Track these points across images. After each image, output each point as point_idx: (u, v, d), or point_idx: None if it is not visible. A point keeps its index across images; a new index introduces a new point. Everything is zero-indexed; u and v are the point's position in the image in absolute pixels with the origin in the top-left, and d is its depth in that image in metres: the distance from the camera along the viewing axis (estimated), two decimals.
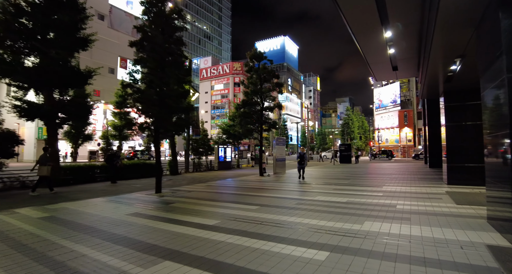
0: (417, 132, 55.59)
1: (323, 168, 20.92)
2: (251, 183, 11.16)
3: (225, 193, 8.66)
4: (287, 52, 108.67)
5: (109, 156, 12.53)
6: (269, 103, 15.23)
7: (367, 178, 12.64)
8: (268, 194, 8.21)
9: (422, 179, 11.74)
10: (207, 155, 20.68)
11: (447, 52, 6.14)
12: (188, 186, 10.46)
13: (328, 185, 9.95)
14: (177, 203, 6.95)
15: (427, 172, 15.17)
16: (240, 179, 13.16)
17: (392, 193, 7.89)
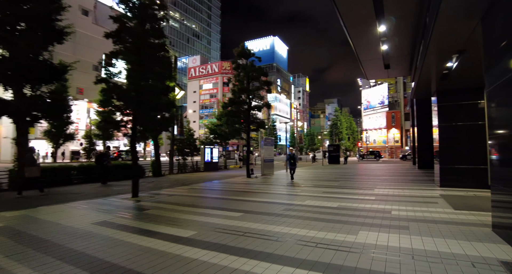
0: (404, 133, 56.26)
1: (312, 169, 20.53)
2: (237, 186, 10.57)
3: (207, 197, 8.04)
4: (277, 53, 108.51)
5: (98, 156, 12.13)
6: (257, 102, 14.68)
7: (357, 179, 12.26)
8: (254, 198, 7.64)
9: (413, 181, 11.43)
10: (193, 156, 19.95)
11: (446, 46, 5.74)
12: (169, 189, 9.77)
13: (318, 188, 9.47)
14: (152, 210, 6.29)
15: (417, 173, 14.96)
16: (226, 181, 12.54)
17: (385, 197, 7.46)
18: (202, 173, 17.65)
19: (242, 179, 13.01)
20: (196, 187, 10.43)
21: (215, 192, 9.09)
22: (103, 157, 11.85)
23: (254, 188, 9.79)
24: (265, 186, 10.41)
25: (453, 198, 7.12)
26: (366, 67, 10.07)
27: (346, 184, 10.43)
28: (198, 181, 12.50)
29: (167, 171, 17.89)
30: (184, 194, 8.70)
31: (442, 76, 7.79)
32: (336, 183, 10.99)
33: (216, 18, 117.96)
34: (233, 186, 10.60)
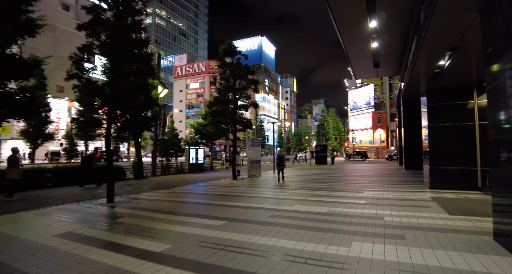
0: (390, 133, 57.10)
1: (299, 169, 20.24)
2: (222, 189, 10.07)
3: (189, 202, 7.50)
4: (264, 53, 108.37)
5: (85, 159, 11.87)
6: (244, 102, 14.21)
7: (345, 181, 11.98)
8: (239, 202, 7.16)
9: (402, 182, 11.25)
10: (177, 157, 19.28)
11: (440, 43, 5.45)
12: (149, 193, 9.17)
13: (305, 190, 9.09)
14: (126, 218, 5.72)
15: (405, 174, 14.87)
16: (210, 183, 12.00)
17: (376, 200, 7.15)
18: (186, 175, 17.02)
19: (227, 181, 12.50)
20: (178, 190, 9.86)
21: (197, 196, 8.55)
22: (90, 160, 11.59)
23: (239, 191, 9.32)
24: (251, 188, 9.96)
25: (445, 201, 6.87)
26: (355, 65, 9.79)
27: (335, 186, 10.11)
28: (181, 184, 11.90)
29: (150, 172, 17.17)
30: (164, 198, 8.13)
31: (433, 75, 7.56)
32: (324, 185, 10.66)
33: (204, 17, 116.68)
34: (217, 189, 10.09)
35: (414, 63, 6.74)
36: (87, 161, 11.61)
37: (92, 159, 11.84)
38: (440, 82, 8.29)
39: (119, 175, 14.76)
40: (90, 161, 11.64)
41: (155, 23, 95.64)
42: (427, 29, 5.01)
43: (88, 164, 11.48)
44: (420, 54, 6.14)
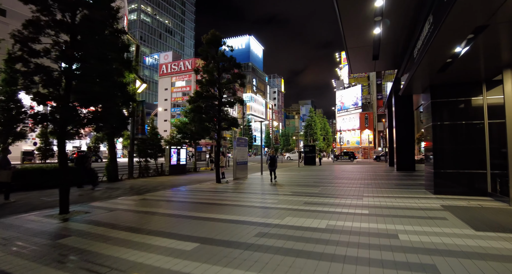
0: (377, 134, 57.17)
1: (288, 171, 19.21)
2: (202, 195, 8.85)
3: (159, 213, 6.25)
4: (252, 52, 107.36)
5: (79, 158, 11.41)
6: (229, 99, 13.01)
7: (338, 185, 10.99)
8: (221, 214, 5.98)
9: (399, 186, 10.36)
10: (157, 158, 17.85)
11: (466, 22, 4.48)
12: (116, 200, 7.84)
13: (297, 197, 8.01)
14: (73, 237, 4.44)
15: (399, 177, 14.06)
16: (191, 188, 10.75)
17: (380, 210, 6.13)
18: (166, 177, 15.65)
19: (210, 185, 11.27)
20: (151, 197, 8.56)
21: (171, 205, 7.30)
22: (83, 159, 11.17)
23: (222, 198, 8.12)
24: (236, 194, 8.78)
25: (459, 210, 5.93)
26: (353, 57, 8.80)
27: (329, 191, 9.08)
28: (157, 188, 10.59)
29: (126, 175, 15.70)
30: (132, 208, 6.84)
31: (442, 67, 6.64)
32: (316, 189, 9.61)
33: (190, 14, 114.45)
34: (197, 195, 8.86)
35: (426, 50, 5.76)
36: (81, 161, 11.14)
37: (86, 158, 11.35)
38: (445, 75, 7.40)
39: (90, 178, 13.32)
40: (84, 160, 11.16)
41: (140, 19, 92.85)
42: (455, 4, 4.01)
43: (82, 164, 11.04)
44: (436, 38, 5.15)
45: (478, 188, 7.69)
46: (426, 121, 9.00)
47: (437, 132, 8.16)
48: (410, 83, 8.05)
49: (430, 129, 8.30)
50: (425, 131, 9.06)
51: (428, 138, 8.86)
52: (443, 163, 8.03)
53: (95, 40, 6.50)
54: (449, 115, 8.08)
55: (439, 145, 8.10)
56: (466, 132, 7.88)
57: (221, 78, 12.44)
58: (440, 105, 8.15)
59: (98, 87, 6.68)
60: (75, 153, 35.41)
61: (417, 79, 7.61)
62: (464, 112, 7.97)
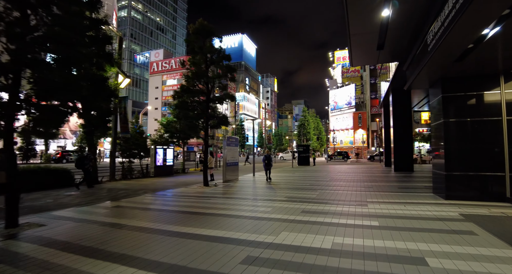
0: (370, 134, 56.81)
1: (282, 172, 18.27)
2: (186, 201, 7.81)
3: (129, 227, 5.21)
4: (245, 51, 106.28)
5: (79, 159, 11.27)
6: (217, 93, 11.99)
7: (337, 188, 10.09)
8: (203, 228, 4.97)
9: (403, 189, 9.51)
10: (142, 158, 16.69)
11: None
12: (84, 208, 6.75)
13: (293, 203, 7.05)
14: (3, 266, 3.38)
15: (399, 178, 13.26)
16: (175, 192, 9.69)
17: (391, 220, 5.22)
18: (151, 179, 14.53)
19: (196, 189, 10.23)
20: (127, 203, 7.49)
21: (147, 214, 6.25)
22: (85, 161, 11.10)
23: (208, 205, 7.10)
24: (224, 200, 7.78)
25: (484, 221, 5.05)
26: (355, 46, 7.89)
27: (328, 196, 8.15)
28: (137, 192, 9.51)
29: (107, 176, 14.52)
30: (99, 219, 5.77)
31: (462, 54, 5.77)
32: (314, 194, 8.68)
33: (182, 12, 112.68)
34: (180, 201, 7.82)
35: (448, 33, 4.86)
36: (81, 162, 11.06)
37: (87, 159, 11.26)
38: (459, 66, 6.55)
39: (63, 181, 12.16)
40: (84, 161, 11.09)
41: (130, 16, 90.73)
42: None
43: (82, 165, 10.98)
44: (463, 17, 4.25)
45: (495, 192, 6.87)
46: (434, 118, 8.16)
47: (449, 130, 7.31)
48: (420, 75, 7.17)
49: (441, 126, 7.45)
50: (434, 129, 8.22)
51: (437, 137, 8.01)
52: (455, 165, 7.18)
53: (52, 16, 5.40)
54: (462, 111, 7.24)
55: (451, 145, 7.25)
56: (481, 130, 7.05)
57: (210, 71, 11.41)
58: (453, 100, 7.30)
59: (57, 76, 5.59)
60: (59, 153, 33.90)
61: (429, 70, 6.74)
62: (478, 107, 7.14)
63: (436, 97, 7.81)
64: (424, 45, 6.37)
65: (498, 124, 6.89)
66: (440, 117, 7.53)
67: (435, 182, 8.14)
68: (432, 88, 8.13)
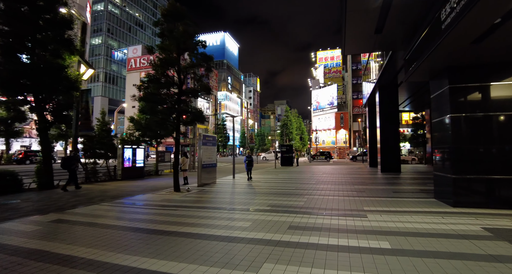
0: (352, 134, 56.87)
1: (264, 173, 17.02)
2: (146, 213, 6.36)
3: (51, 255, 3.74)
4: (227, 49, 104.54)
5: (66, 160, 10.88)
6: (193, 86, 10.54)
7: (326, 192, 8.96)
8: (153, 260, 3.59)
9: (398, 192, 8.51)
10: (109, 159, 14.91)
11: None
12: (7, 225, 5.15)
13: (277, 215, 5.79)
14: None
15: (388, 180, 12.35)
16: (137, 200, 8.18)
17: (403, 239, 4.06)
18: (116, 183, 12.84)
19: (165, 195, 8.75)
20: (70, 216, 5.94)
21: (86, 235, 4.76)
22: (71, 161, 10.72)
23: (171, 218, 5.69)
24: (194, 211, 6.39)
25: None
26: (351, 26, 6.71)
27: (318, 204, 6.96)
28: (92, 200, 7.91)
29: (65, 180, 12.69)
30: (17, 242, 4.23)
31: (487, 32, 4.73)
32: (301, 200, 7.47)
33: None
34: (137, 213, 6.34)
35: (476, 2, 3.76)
36: (68, 162, 10.65)
37: (74, 160, 10.85)
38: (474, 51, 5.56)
39: (8, 186, 10.29)
40: (71, 162, 10.69)
41: (107, 10, 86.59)
42: None
43: (69, 166, 10.59)
44: None
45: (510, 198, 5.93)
46: (436, 113, 7.17)
47: (457, 127, 6.31)
48: (425, 62, 6.12)
49: (447, 123, 6.45)
50: (436, 126, 7.23)
51: (440, 135, 7.02)
52: (467, 167, 6.19)
53: None
54: (474, 104, 6.27)
55: (461, 144, 6.26)
56: (497, 127, 6.10)
57: (182, 60, 9.97)
58: (462, 92, 6.32)
59: None
60: (21, 153, 30.98)
61: (438, 55, 5.69)
62: (495, 100, 6.18)
63: (440, 89, 6.82)
64: (436, 23, 5.31)
65: None
66: (446, 112, 6.53)
67: (439, 186, 7.15)
68: (435, 79, 7.13)
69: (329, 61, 77.33)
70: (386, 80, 15.22)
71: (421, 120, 27.01)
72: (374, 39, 7.48)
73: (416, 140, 27.78)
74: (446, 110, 6.55)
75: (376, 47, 8.13)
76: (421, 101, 21.98)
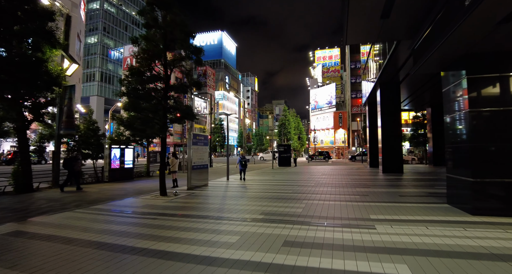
0: (351, 133, 56.18)
1: (260, 174, 16.22)
2: (123, 223, 5.54)
3: None
4: (225, 48, 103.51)
5: (67, 160, 10.90)
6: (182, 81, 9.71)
7: (325, 195, 8.18)
8: None
9: (405, 197, 7.74)
10: (97, 159, 14.07)
11: None
12: None
13: (272, 225, 4.99)
14: None
15: (393, 182, 11.58)
16: (117, 205, 7.35)
17: (424, 261, 3.27)
18: (102, 186, 12.00)
19: (148, 201, 7.92)
20: (33, 228, 5.10)
21: (36, 255, 3.93)
22: (72, 162, 10.76)
23: (148, 231, 4.87)
24: (175, 222, 5.57)
25: None
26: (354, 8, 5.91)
27: (317, 211, 6.17)
28: (65, 207, 7.07)
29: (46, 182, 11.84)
30: None
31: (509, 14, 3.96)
32: (298, 206, 6.68)
33: None
34: (112, 223, 5.51)
35: None
36: (69, 163, 10.68)
37: (75, 160, 10.88)
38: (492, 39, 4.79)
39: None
40: (72, 162, 10.71)
41: (103, 9, 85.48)
42: None
43: (71, 166, 10.65)
44: None
45: None
46: (450, 108, 6.40)
47: (477, 123, 5.54)
48: (440, 50, 5.34)
49: (465, 119, 5.67)
50: (449, 122, 6.45)
51: (455, 132, 6.25)
52: (487, 169, 5.42)
53: None
54: (498, 98, 5.49)
55: (480, 143, 5.48)
56: None
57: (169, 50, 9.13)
58: (483, 83, 5.54)
59: None
60: (11, 154, 30.01)
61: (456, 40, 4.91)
62: None
63: (455, 80, 6.04)
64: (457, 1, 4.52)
65: None
66: (462, 106, 5.76)
67: (453, 190, 6.38)
68: (449, 70, 6.36)
69: (327, 60, 76.61)
70: (387, 76, 14.48)
71: (422, 119, 26.33)
72: (379, 25, 6.69)
73: (417, 139, 27.05)
74: (462, 104, 5.78)
75: (381, 35, 7.35)
76: (421, 100, 21.28)
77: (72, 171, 10.73)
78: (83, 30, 47.58)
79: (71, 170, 10.71)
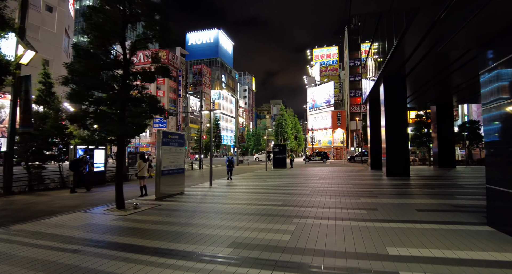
0: (350, 133, 54.55)
1: (252, 178, 14.46)
2: (28, 259, 3.78)
3: None
4: (221, 47, 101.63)
5: (75, 161, 10.67)
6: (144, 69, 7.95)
7: (323, 209, 6.46)
8: None
9: (426, 212, 6.04)
10: (63, 161, 12.25)
11: None
12: None
13: (251, 267, 3.27)
14: None
15: (402, 189, 9.88)
16: (49, 225, 5.57)
17: None
18: (61, 193, 10.23)
19: (93, 218, 6.14)
20: None
21: None
22: (79, 163, 10.63)
23: None
24: (97, 263, 3.83)
25: None
26: None
27: (311, 240, 4.46)
28: None
29: None
30: None
31: None
32: (288, 230, 4.95)
33: None
34: (23, 257, 3.76)
35: None
36: (76, 165, 10.61)
37: (82, 162, 10.83)
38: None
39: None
40: (79, 164, 10.65)
41: None
42: None
43: (77, 168, 10.60)
44: None
45: None
46: (493, 97, 4.70)
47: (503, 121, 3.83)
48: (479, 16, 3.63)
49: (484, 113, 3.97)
50: (493, 116, 4.74)
51: (499, 128, 4.55)
52: None
53: None
54: None
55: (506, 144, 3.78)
56: None
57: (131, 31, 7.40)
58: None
59: None
60: None
61: None
62: None
63: (502, 57, 4.34)
64: None
65: None
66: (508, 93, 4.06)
67: (497, 207, 4.67)
68: (487, 48, 4.65)
69: (325, 59, 74.93)
70: (392, 69, 12.80)
71: (425, 118, 24.74)
72: None
73: (420, 139, 25.42)
74: (507, 92, 4.07)
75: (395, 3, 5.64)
76: (425, 98, 19.67)
77: (79, 172, 10.70)
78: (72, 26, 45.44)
79: (78, 171, 10.67)
